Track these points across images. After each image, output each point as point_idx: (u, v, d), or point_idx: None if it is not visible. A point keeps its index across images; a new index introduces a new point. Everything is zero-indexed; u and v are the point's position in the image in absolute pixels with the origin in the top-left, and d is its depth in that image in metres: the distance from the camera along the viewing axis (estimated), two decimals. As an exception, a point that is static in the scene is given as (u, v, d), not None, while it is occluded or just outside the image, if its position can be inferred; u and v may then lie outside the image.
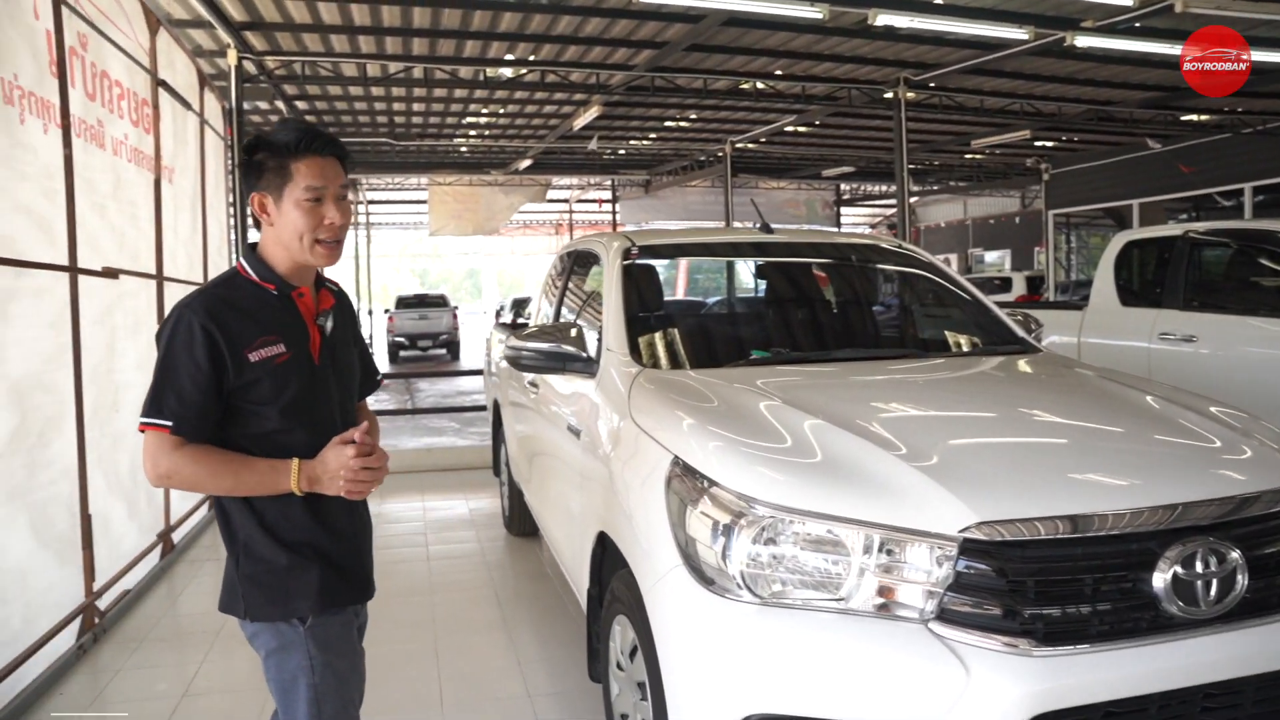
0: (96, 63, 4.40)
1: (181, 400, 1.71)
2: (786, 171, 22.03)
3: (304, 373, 1.84)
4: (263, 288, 1.84)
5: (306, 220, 1.79)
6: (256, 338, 1.77)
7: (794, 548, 1.90)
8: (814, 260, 3.85)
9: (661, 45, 9.50)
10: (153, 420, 1.71)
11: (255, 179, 1.81)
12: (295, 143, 1.78)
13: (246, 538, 1.81)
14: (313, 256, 1.83)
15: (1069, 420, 2.40)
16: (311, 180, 1.78)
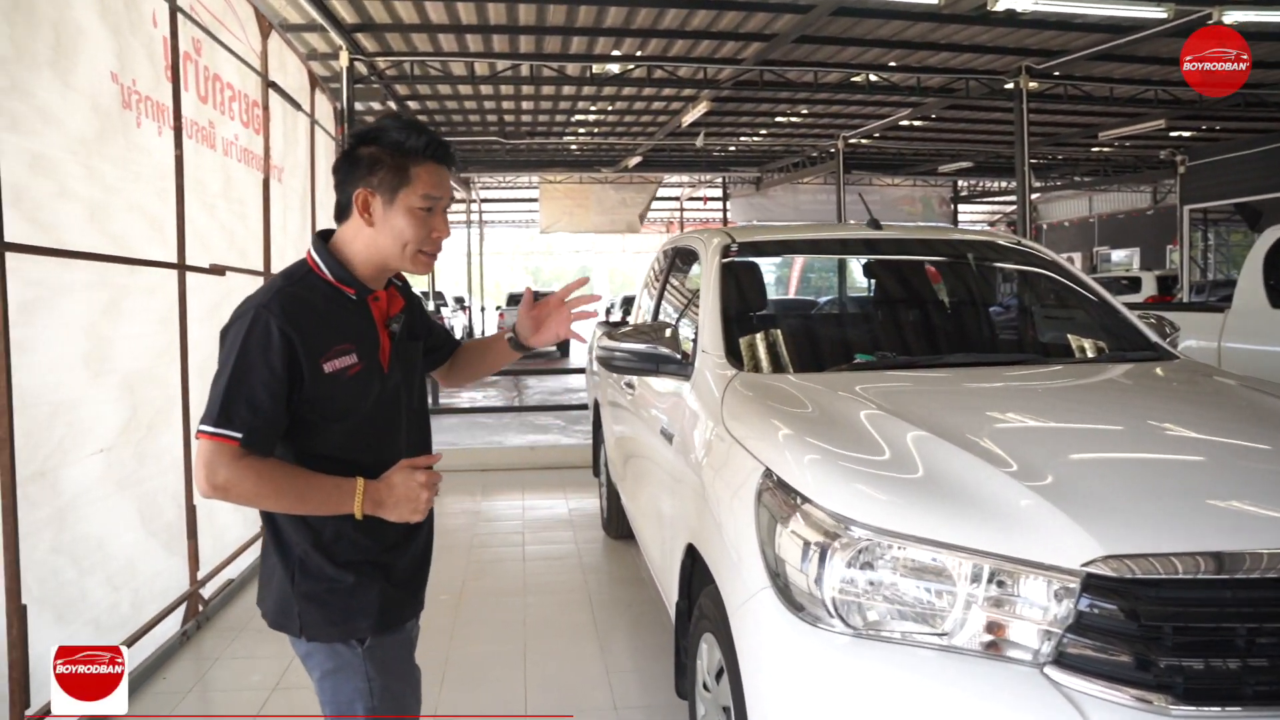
0: (209, 66, 4.52)
1: (255, 409, 1.57)
2: (901, 168, 21.40)
3: (374, 385, 1.73)
4: (339, 289, 1.71)
5: (417, 230, 1.68)
6: (332, 346, 1.65)
7: (892, 575, 1.72)
8: (924, 258, 3.61)
9: (770, 38, 9.27)
10: (220, 431, 1.55)
11: (365, 174, 1.67)
12: (422, 147, 1.67)
13: (303, 554, 1.71)
14: (413, 265, 1.73)
15: (1210, 437, 2.14)
16: (431, 189, 1.69)
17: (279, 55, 5.77)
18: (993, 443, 1.98)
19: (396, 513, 1.67)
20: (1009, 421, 2.23)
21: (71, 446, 3.24)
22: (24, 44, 3.02)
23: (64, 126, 3.22)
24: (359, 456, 1.71)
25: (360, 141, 1.71)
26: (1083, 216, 28.43)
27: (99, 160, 3.43)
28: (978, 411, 2.30)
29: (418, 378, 1.92)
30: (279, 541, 1.74)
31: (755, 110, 14.28)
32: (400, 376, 1.81)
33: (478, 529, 6.08)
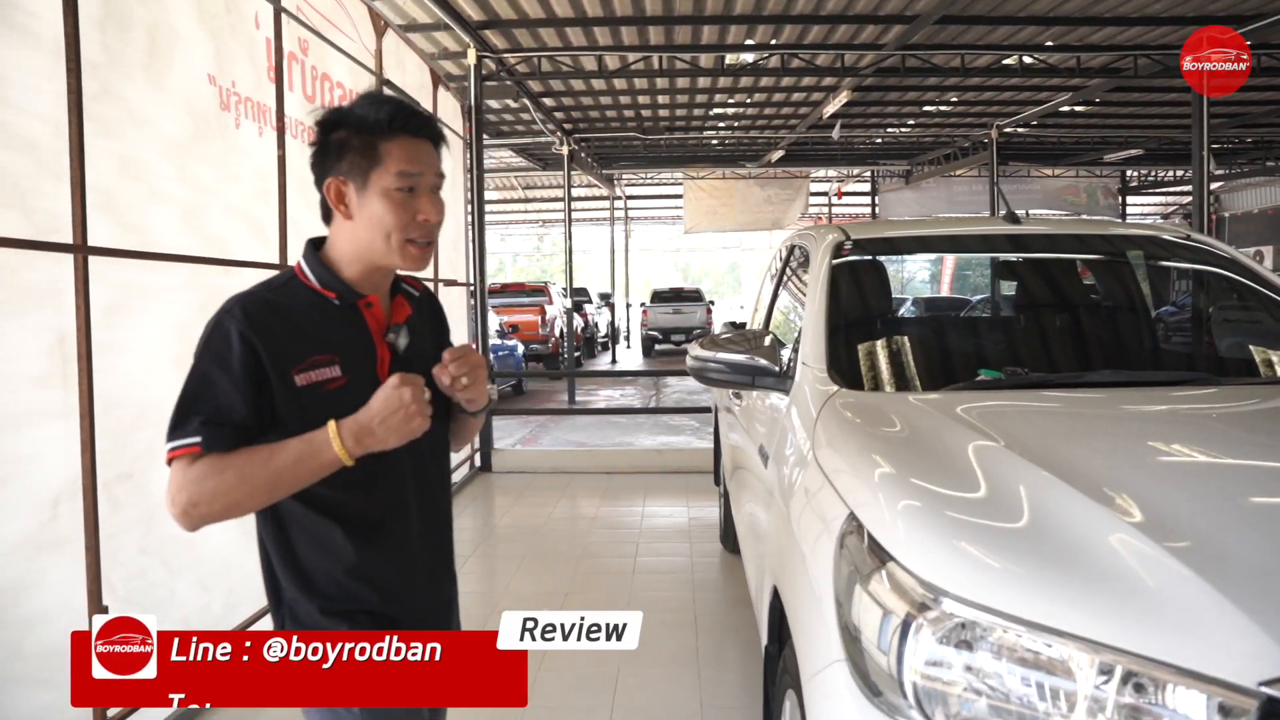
0: (317, 66, 4.51)
1: (215, 412, 1.39)
2: (1063, 157, 19.93)
3: (365, 401, 1.45)
4: (321, 295, 1.51)
5: (397, 215, 1.46)
6: (307, 356, 1.46)
7: (994, 664, 1.35)
8: (1069, 256, 3.12)
9: (911, 19, 8.66)
10: (179, 443, 1.39)
11: (334, 161, 1.48)
12: (387, 120, 1.46)
13: (291, 599, 1.53)
14: (402, 259, 1.50)
15: None
16: (405, 165, 1.46)
17: (396, 54, 5.76)
18: (1143, 497, 1.56)
19: (390, 433, 1.42)
20: (1167, 467, 1.79)
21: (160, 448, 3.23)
22: (116, 49, 3.01)
23: (156, 129, 3.21)
24: (349, 496, 1.50)
25: (326, 128, 1.51)
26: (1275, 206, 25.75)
27: (193, 162, 3.41)
28: (1126, 450, 1.86)
29: (437, 404, 1.59)
30: (273, 584, 1.56)
31: (901, 100, 13.54)
32: None
33: (591, 537, 5.91)
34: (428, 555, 1.64)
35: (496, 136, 15.71)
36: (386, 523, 1.55)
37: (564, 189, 16.39)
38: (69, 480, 2.78)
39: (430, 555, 1.65)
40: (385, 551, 1.55)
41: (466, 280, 7.94)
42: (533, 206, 31.34)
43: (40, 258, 2.66)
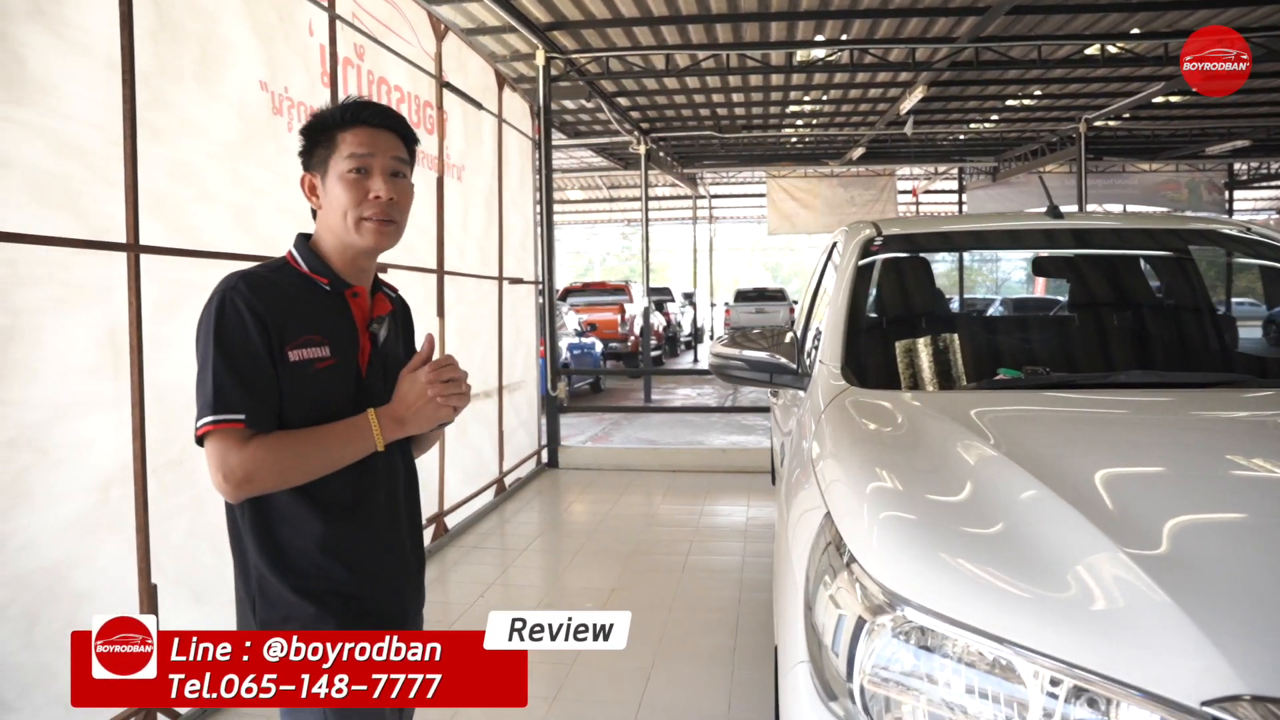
0: (374, 70, 4.65)
1: (248, 388, 1.49)
2: (1160, 151, 19.04)
3: (348, 385, 1.60)
4: (313, 279, 1.63)
5: (350, 194, 1.58)
6: (300, 334, 1.55)
7: (944, 672, 1.32)
8: (1112, 251, 3.00)
9: (982, 11, 8.41)
10: (221, 418, 1.47)
11: (306, 159, 1.66)
12: (340, 115, 1.61)
13: (259, 577, 1.59)
14: (359, 236, 1.60)
15: None
16: (355, 148, 1.59)
17: (457, 56, 5.89)
18: (1130, 506, 1.50)
19: (423, 420, 1.59)
20: (1164, 477, 1.71)
21: (210, 439, 3.39)
22: (168, 60, 3.17)
23: (208, 134, 3.37)
24: (331, 480, 1.58)
25: (302, 134, 1.67)
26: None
27: (244, 165, 3.56)
28: (1130, 457, 1.79)
29: None
30: (242, 563, 1.63)
31: (982, 94, 13.15)
32: (382, 388, 1.65)
33: (644, 534, 5.94)
34: (395, 539, 1.70)
35: (575, 136, 15.87)
36: (359, 506, 1.62)
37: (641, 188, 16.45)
38: (120, 465, 2.94)
39: (398, 540, 1.71)
40: (357, 531, 1.62)
41: (535, 279, 8.04)
42: (618, 206, 31.55)
43: (93, 256, 2.82)
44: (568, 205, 30.60)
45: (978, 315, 3.46)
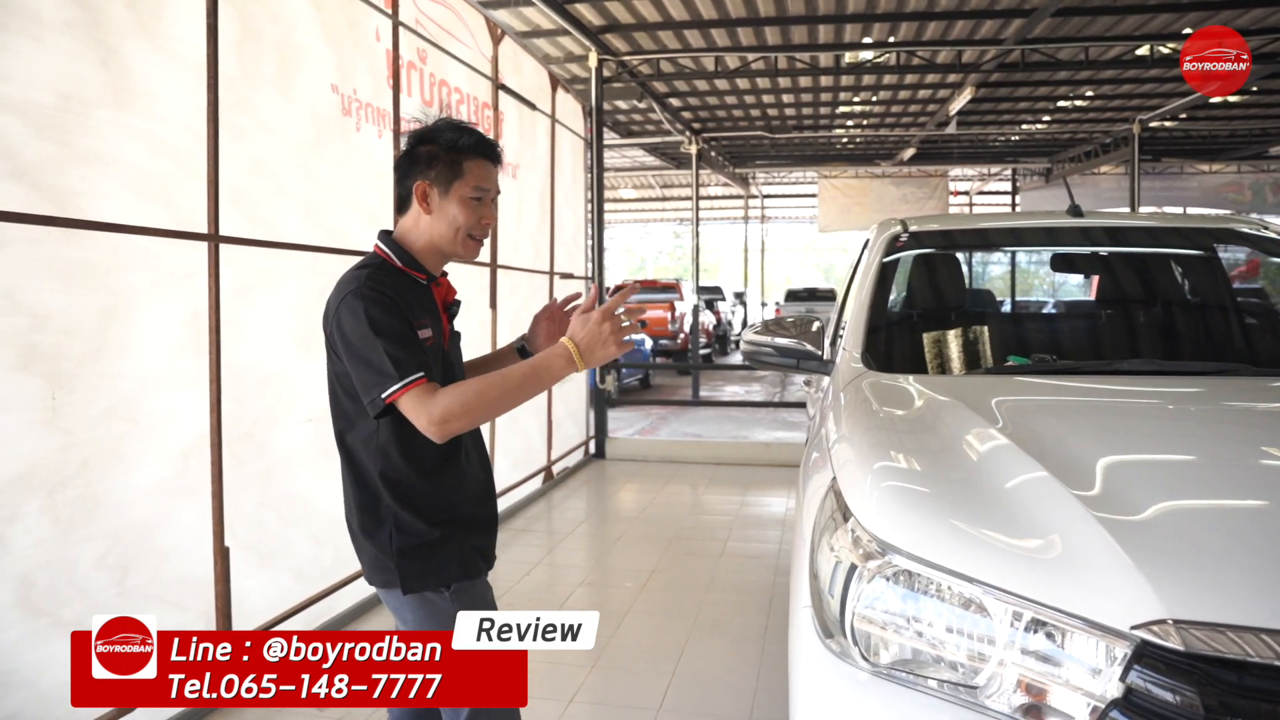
0: (435, 73, 4.92)
1: (415, 355, 1.75)
2: (1220, 152, 18.68)
3: (441, 360, 1.92)
4: (410, 275, 1.91)
5: (468, 217, 1.90)
6: (417, 317, 1.85)
7: (924, 610, 1.51)
8: (1127, 250, 3.13)
9: (1028, 13, 8.45)
10: (408, 380, 1.72)
11: (423, 168, 1.90)
12: (472, 145, 1.90)
13: (394, 515, 1.87)
14: (463, 250, 1.94)
15: None
16: (480, 181, 1.91)
17: (513, 59, 6.15)
18: (1095, 467, 1.69)
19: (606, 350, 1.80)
20: (1136, 442, 1.88)
21: (280, 414, 3.68)
22: (250, 66, 3.45)
23: (283, 134, 3.65)
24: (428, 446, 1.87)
25: (418, 141, 1.94)
26: None
27: (316, 162, 3.84)
28: (1105, 429, 1.97)
29: (457, 372, 2.07)
30: (373, 506, 1.89)
31: (1032, 95, 13.09)
32: (455, 358, 2.02)
33: (686, 521, 6.14)
34: (483, 475, 2.05)
35: (627, 136, 16.11)
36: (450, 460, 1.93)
37: (692, 186, 16.64)
38: (199, 436, 3.23)
39: (485, 475, 2.06)
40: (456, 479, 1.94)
41: (585, 274, 8.28)
42: (670, 205, 31.78)
43: (179, 245, 3.11)
44: (620, 204, 30.91)
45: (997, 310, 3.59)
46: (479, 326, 5.60)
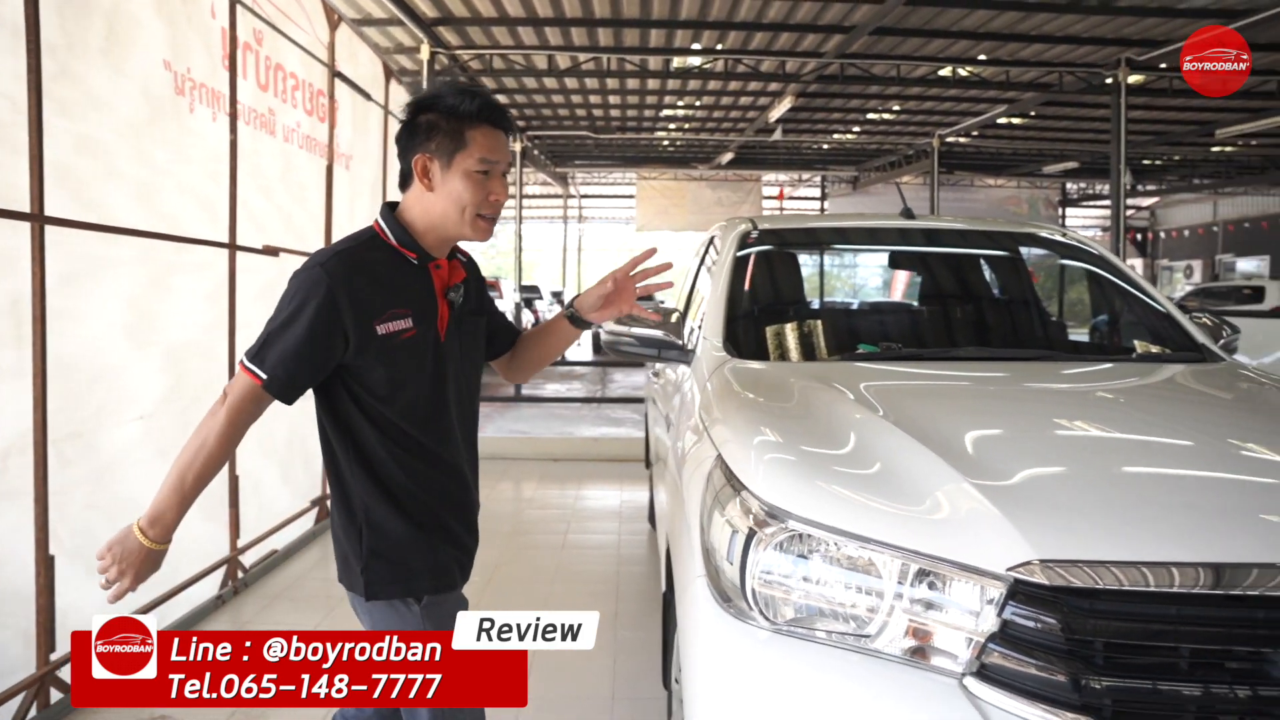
0: (271, 56, 4.70)
1: (283, 360, 1.67)
2: (1004, 168, 20.61)
3: (428, 352, 1.78)
4: (402, 254, 1.77)
5: (474, 193, 1.73)
6: (387, 309, 1.72)
7: (819, 570, 1.65)
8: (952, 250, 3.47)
9: (849, 29, 9.06)
10: (251, 367, 1.69)
11: (423, 140, 1.73)
12: (475, 111, 1.72)
13: (365, 509, 1.79)
14: (472, 230, 1.77)
15: (1219, 443, 1.96)
16: (486, 153, 1.73)
17: (349, 47, 5.95)
18: (960, 439, 1.88)
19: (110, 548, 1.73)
20: (987, 416, 2.12)
21: (112, 411, 3.42)
22: (75, 33, 3.19)
23: (114, 111, 3.40)
24: (413, 428, 1.79)
25: (418, 109, 1.75)
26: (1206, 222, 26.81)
27: (149, 143, 3.60)
28: (958, 405, 2.20)
29: (478, 355, 1.97)
30: (346, 501, 1.81)
31: (846, 107, 13.99)
32: (457, 349, 1.86)
33: (523, 516, 6.15)
34: (469, 472, 1.93)
35: (451, 131, 15.80)
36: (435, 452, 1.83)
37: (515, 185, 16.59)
38: (19, 435, 2.96)
39: (469, 481, 1.93)
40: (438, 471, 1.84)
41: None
42: (485, 202, 31.39)
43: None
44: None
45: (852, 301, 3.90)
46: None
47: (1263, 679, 1.44)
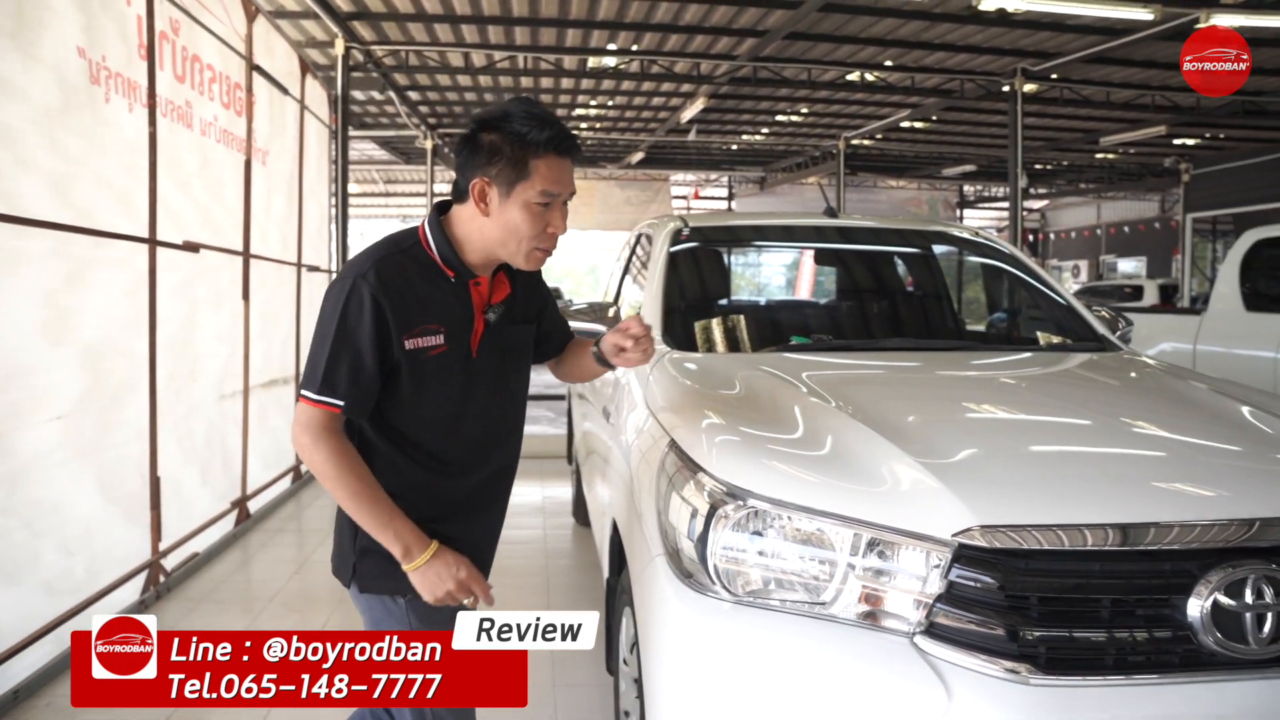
0: (188, 47, 4.57)
1: (355, 378, 1.63)
2: (906, 170, 21.35)
3: (457, 368, 1.75)
4: (441, 268, 1.72)
5: (532, 226, 1.67)
6: (418, 323, 1.68)
7: (776, 544, 1.75)
8: (873, 247, 3.64)
9: (762, 34, 9.29)
10: (323, 399, 1.63)
11: (484, 163, 1.66)
12: (544, 141, 1.64)
13: None
14: (525, 261, 1.73)
15: (1111, 420, 2.16)
16: (549, 185, 1.67)
17: (265, 40, 5.83)
18: (895, 420, 2.01)
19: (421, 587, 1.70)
20: (921, 404, 2.26)
21: (27, 412, 3.30)
22: (-16, 15, 3.07)
23: (25, 97, 3.27)
24: (430, 438, 1.77)
25: (482, 127, 1.68)
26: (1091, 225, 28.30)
27: (63, 133, 3.48)
28: (890, 389, 2.36)
29: (521, 363, 1.92)
30: None
31: (755, 109, 14.29)
32: (493, 364, 1.82)
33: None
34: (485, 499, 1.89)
35: (360, 128, 15.54)
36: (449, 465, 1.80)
37: (426, 184, 16.38)
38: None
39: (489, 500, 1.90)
40: (448, 483, 1.80)
41: (329, 268, 7.98)
42: (394, 200, 30.85)
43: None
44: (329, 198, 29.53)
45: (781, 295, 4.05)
46: (231, 319, 5.27)
47: (1167, 623, 1.62)
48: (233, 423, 5.29)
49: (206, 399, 4.84)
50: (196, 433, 4.69)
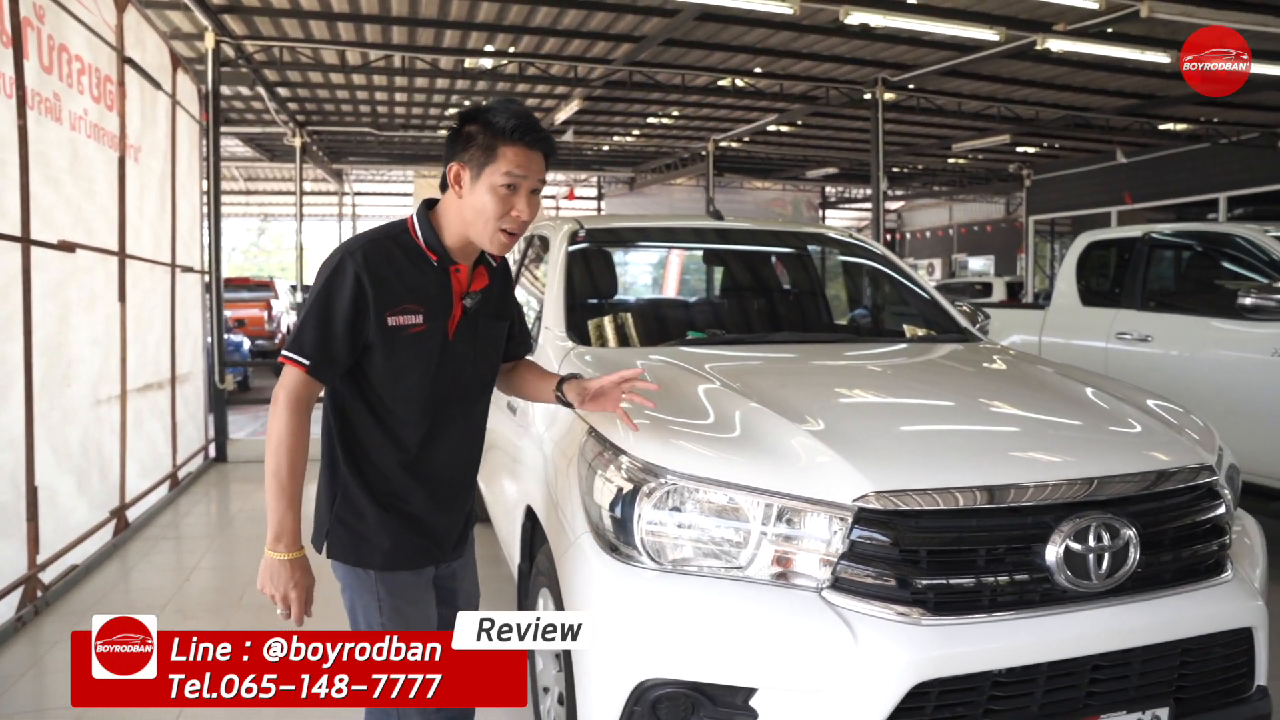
0: (54, 35, 4.39)
1: (323, 343, 1.77)
2: (772, 172, 22.10)
3: (434, 349, 1.88)
4: (425, 253, 1.87)
5: (496, 206, 1.81)
6: (401, 302, 1.82)
7: (695, 516, 1.94)
8: (758, 248, 3.90)
9: (639, 39, 9.52)
10: (292, 355, 1.78)
11: (460, 149, 1.83)
12: (510, 129, 1.80)
13: (345, 482, 1.88)
14: (490, 243, 1.86)
15: (984, 399, 2.46)
16: (513, 168, 1.80)
17: (136, 31, 5.63)
18: (794, 403, 2.23)
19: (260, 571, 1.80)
20: (813, 388, 2.50)
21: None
22: None
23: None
24: (406, 417, 1.88)
25: (466, 119, 1.86)
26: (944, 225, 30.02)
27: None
28: (787, 379, 2.58)
29: (492, 356, 2.06)
30: (331, 468, 1.91)
31: (628, 111, 14.54)
32: (467, 350, 1.96)
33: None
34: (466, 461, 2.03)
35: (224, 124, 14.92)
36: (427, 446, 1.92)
37: (295, 181, 15.90)
38: None
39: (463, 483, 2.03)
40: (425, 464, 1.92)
41: (202, 268, 7.73)
42: (255, 199, 29.64)
43: None
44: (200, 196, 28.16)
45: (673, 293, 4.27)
46: (106, 321, 5.08)
47: (1029, 567, 1.91)
48: (109, 429, 5.10)
49: (82, 405, 4.66)
50: (72, 440, 4.51)
